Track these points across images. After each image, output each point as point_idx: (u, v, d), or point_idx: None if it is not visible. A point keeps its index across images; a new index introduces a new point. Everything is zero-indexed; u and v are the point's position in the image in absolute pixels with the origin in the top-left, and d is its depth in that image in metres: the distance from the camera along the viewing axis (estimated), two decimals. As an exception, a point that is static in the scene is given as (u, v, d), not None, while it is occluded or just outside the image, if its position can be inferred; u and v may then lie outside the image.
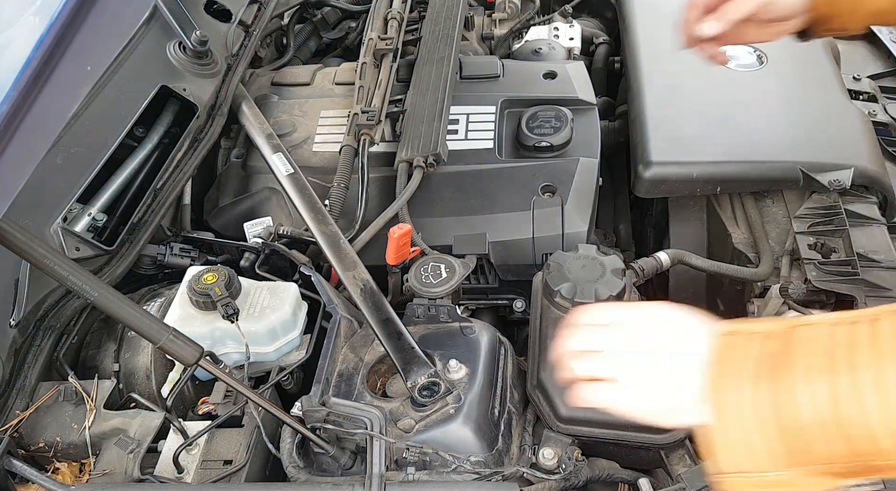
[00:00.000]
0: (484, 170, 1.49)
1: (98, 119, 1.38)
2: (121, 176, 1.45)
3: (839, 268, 1.28)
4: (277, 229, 1.42)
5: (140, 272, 1.44)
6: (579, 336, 0.85)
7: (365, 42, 1.72)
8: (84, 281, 0.95)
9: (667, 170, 1.47)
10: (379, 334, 1.13)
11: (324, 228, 1.28)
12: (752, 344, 0.74)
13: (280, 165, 1.36)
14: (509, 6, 2.11)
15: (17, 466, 1.02)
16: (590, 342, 0.84)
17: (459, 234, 1.41)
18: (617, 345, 0.82)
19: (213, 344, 1.22)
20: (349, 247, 1.26)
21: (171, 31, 1.60)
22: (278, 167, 1.36)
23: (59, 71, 0.73)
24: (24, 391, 1.16)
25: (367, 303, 1.17)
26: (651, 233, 1.78)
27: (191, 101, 1.54)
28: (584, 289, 1.17)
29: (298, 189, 1.33)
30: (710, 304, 1.64)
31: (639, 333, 0.82)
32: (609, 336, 0.83)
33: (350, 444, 1.05)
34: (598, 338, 0.84)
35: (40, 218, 1.25)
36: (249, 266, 1.40)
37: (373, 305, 1.17)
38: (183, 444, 1.07)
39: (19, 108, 0.73)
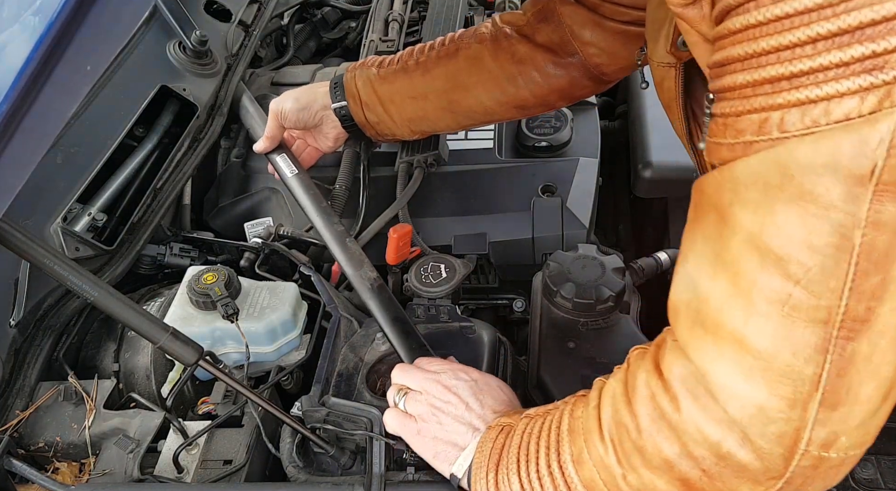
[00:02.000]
0: (484, 170, 1.49)
1: (98, 119, 1.38)
2: (121, 176, 1.44)
3: (839, 268, 1.28)
4: (277, 229, 1.42)
5: (140, 272, 1.44)
6: (407, 373, 1.00)
7: (366, 44, 1.72)
8: (84, 281, 0.95)
9: (667, 170, 1.47)
10: (388, 333, 1.13)
11: (330, 227, 1.27)
12: (495, 437, 0.87)
13: (284, 167, 1.36)
14: (509, 6, 2.11)
15: (17, 466, 1.02)
16: (411, 380, 0.98)
17: (459, 234, 1.41)
18: (429, 391, 0.95)
19: (213, 344, 1.22)
20: (356, 245, 1.26)
21: (171, 31, 1.60)
22: (283, 169, 1.35)
23: (58, 71, 0.73)
24: (24, 391, 1.16)
25: (375, 301, 1.16)
26: (651, 233, 1.78)
27: (191, 101, 1.54)
28: (584, 289, 1.17)
29: (304, 188, 1.32)
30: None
31: (451, 389, 0.95)
32: (427, 382, 0.96)
33: (350, 444, 1.05)
34: (418, 380, 0.97)
35: (40, 218, 1.25)
36: (249, 266, 1.40)
37: (382, 304, 1.16)
38: (183, 444, 1.07)
39: (19, 108, 0.72)
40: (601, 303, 1.17)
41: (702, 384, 0.66)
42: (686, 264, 0.69)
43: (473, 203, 1.45)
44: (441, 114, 1.30)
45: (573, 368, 1.12)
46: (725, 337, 0.63)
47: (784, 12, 0.54)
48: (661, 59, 0.88)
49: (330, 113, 1.34)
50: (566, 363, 1.12)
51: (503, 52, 1.24)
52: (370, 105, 1.31)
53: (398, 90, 1.29)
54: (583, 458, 0.76)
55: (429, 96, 1.28)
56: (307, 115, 1.34)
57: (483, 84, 1.25)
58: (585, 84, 1.25)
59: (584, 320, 1.18)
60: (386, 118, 1.31)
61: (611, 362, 1.10)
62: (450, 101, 1.28)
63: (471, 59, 1.25)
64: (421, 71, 1.28)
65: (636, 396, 0.72)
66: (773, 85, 0.56)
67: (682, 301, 0.69)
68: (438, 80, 1.27)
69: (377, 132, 1.35)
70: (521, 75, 1.24)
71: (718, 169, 0.63)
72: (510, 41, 1.24)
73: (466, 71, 1.25)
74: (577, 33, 1.18)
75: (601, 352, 1.13)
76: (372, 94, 1.30)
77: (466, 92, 1.26)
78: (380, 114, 1.31)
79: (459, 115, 1.30)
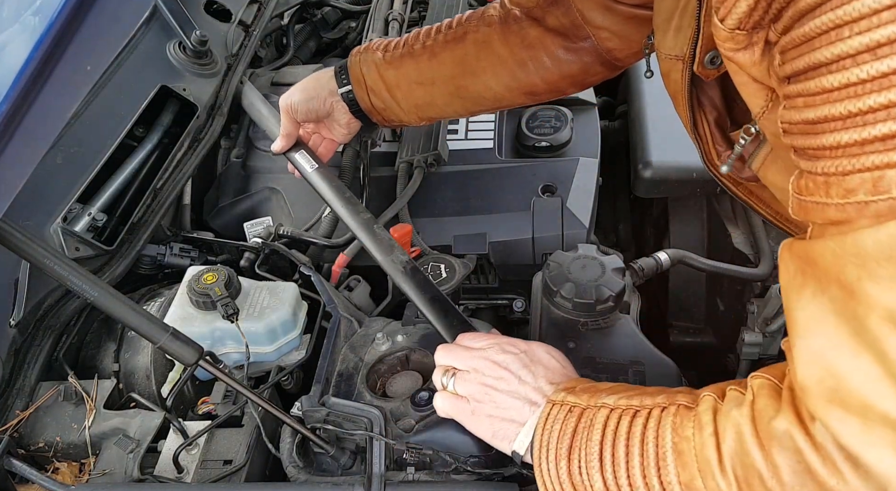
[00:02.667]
0: (484, 170, 1.49)
1: (98, 119, 1.38)
2: (121, 176, 1.45)
3: (839, 268, 1.28)
4: (277, 229, 1.42)
5: (140, 272, 1.44)
6: (452, 353, 0.97)
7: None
8: (84, 281, 0.95)
9: (667, 170, 1.47)
10: (427, 314, 1.11)
11: (357, 216, 1.24)
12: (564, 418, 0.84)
13: (304, 163, 1.32)
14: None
15: (17, 466, 1.02)
16: (457, 360, 0.96)
17: (459, 234, 1.41)
18: (478, 369, 0.93)
19: (213, 344, 1.22)
20: (384, 231, 1.23)
21: (171, 31, 1.60)
22: (303, 165, 1.32)
23: (58, 71, 0.73)
24: (24, 391, 1.16)
25: (410, 283, 1.14)
26: (651, 233, 1.78)
27: (191, 101, 1.54)
28: (584, 289, 1.17)
29: (327, 180, 1.29)
30: (710, 304, 1.64)
31: (501, 364, 0.92)
32: (474, 360, 0.94)
33: (350, 444, 1.05)
34: (465, 359, 0.95)
35: (40, 218, 1.25)
36: (249, 266, 1.40)
37: (417, 285, 1.14)
38: (183, 444, 1.07)
39: (19, 108, 0.73)
40: (601, 303, 1.16)
41: (854, 462, 0.63)
42: (811, 339, 0.64)
43: (473, 203, 1.45)
44: (449, 100, 1.26)
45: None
46: (876, 420, 0.60)
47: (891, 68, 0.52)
48: (669, 50, 0.87)
49: (339, 99, 1.30)
50: (566, 363, 1.12)
51: (513, 36, 1.20)
52: (376, 90, 1.27)
53: (405, 75, 1.25)
54: (695, 486, 0.72)
55: (436, 82, 1.24)
56: (317, 103, 1.30)
57: (492, 69, 1.22)
58: (598, 70, 1.21)
59: (584, 320, 1.17)
60: (393, 104, 1.27)
61: (611, 362, 1.11)
62: (458, 87, 1.24)
63: (479, 43, 1.21)
64: (428, 55, 1.24)
65: (775, 444, 0.67)
66: (884, 142, 0.54)
67: (811, 378, 0.64)
68: (446, 65, 1.23)
69: (384, 118, 1.31)
70: (531, 61, 1.20)
71: (832, 237, 0.60)
72: (520, 24, 1.20)
73: (475, 56, 1.22)
74: (587, 17, 1.14)
75: (601, 352, 1.13)
76: (378, 80, 1.26)
77: (475, 77, 1.23)
78: (386, 99, 1.27)
79: (468, 102, 1.27)
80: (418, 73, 1.24)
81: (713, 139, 0.92)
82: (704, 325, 1.67)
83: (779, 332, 1.38)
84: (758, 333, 1.39)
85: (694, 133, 0.93)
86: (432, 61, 1.23)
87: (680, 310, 1.67)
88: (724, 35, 0.66)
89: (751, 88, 0.69)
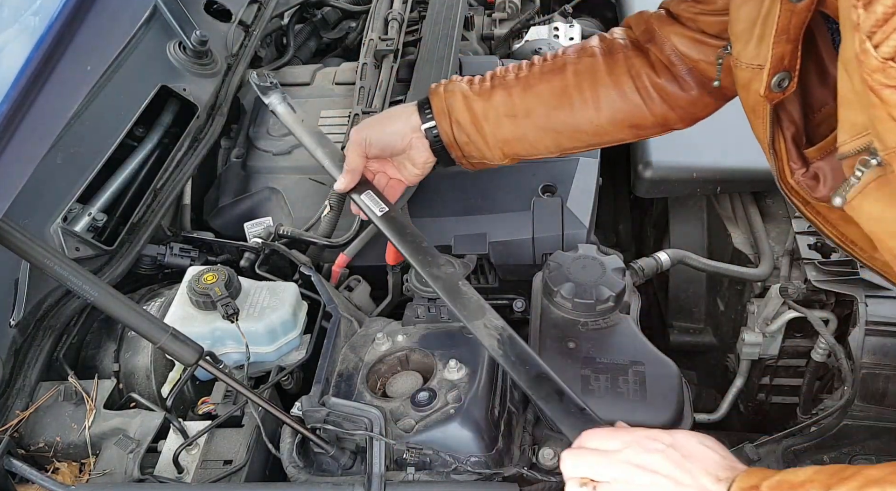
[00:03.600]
0: (484, 170, 1.49)
1: (98, 119, 1.38)
2: (121, 176, 1.45)
3: (839, 268, 1.28)
4: (277, 229, 1.42)
5: (140, 272, 1.44)
6: (583, 460, 0.83)
7: (365, 43, 1.72)
8: (84, 281, 0.95)
9: (667, 170, 1.47)
10: (532, 395, 0.99)
11: (436, 272, 1.11)
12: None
13: (372, 205, 1.21)
14: (509, 6, 2.11)
15: (17, 466, 1.02)
16: (593, 469, 0.82)
17: (459, 234, 1.41)
18: (621, 478, 0.79)
19: (213, 344, 1.22)
20: (472, 290, 1.10)
21: (171, 31, 1.60)
22: (370, 207, 1.21)
23: (58, 71, 0.73)
24: (24, 391, 1.16)
25: (508, 357, 1.02)
26: (651, 233, 1.78)
27: (191, 101, 1.54)
28: (584, 289, 1.17)
29: (397, 231, 1.18)
30: (710, 304, 1.64)
31: (647, 467, 0.79)
32: (613, 467, 0.80)
33: (350, 444, 1.05)
34: (602, 467, 0.81)
35: (40, 218, 1.25)
36: (249, 266, 1.40)
37: (517, 360, 1.01)
38: (183, 444, 1.07)
39: (19, 108, 0.73)
40: (601, 303, 1.17)
41: None
42: None
43: (473, 203, 1.45)
44: (541, 134, 1.19)
45: (573, 368, 1.12)
46: None
47: None
48: (751, 60, 0.83)
49: (419, 136, 1.21)
50: (566, 363, 1.12)
51: (618, 66, 1.15)
52: (462, 123, 1.19)
53: (494, 107, 1.17)
54: None
55: (530, 114, 1.17)
56: (395, 139, 1.21)
57: (595, 101, 1.15)
58: (707, 101, 1.15)
59: (584, 320, 1.17)
60: (478, 138, 1.20)
61: (611, 362, 1.11)
62: (554, 121, 1.17)
63: (582, 73, 1.15)
64: (522, 87, 1.17)
65: None
66: None
67: None
68: (542, 97, 1.16)
69: (464, 154, 1.22)
70: (639, 91, 1.14)
71: None
72: (626, 54, 1.15)
73: (576, 86, 1.15)
74: (682, 52, 1.10)
75: (601, 352, 1.13)
76: (465, 111, 1.18)
77: (574, 110, 1.16)
78: (471, 133, 1.19)
79: (563, 136, 1.19)
80: (510, 105, 1.17)
81: (788, 156, 0.87)
82: (704, 325, 1.67)
83: (778, 332, 1.39)
84: (758, 333, 1.39)
85: (771, 149, 0.88)
86: (527, 93, 1.17)
87: (680, 310, 1.67)
88: (875, 65, 0.60)
89: (889, 125, 0.63)
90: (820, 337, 1.32)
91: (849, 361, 1.24)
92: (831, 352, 1.30)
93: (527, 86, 1.17)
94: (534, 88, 1.17)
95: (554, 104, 1.16)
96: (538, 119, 1.17)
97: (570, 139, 1.20)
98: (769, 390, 1.50)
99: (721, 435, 1.44)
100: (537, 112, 1.17)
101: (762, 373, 1.46)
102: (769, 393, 1.50)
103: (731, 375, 1.49)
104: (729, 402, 1.44)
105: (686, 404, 1.10)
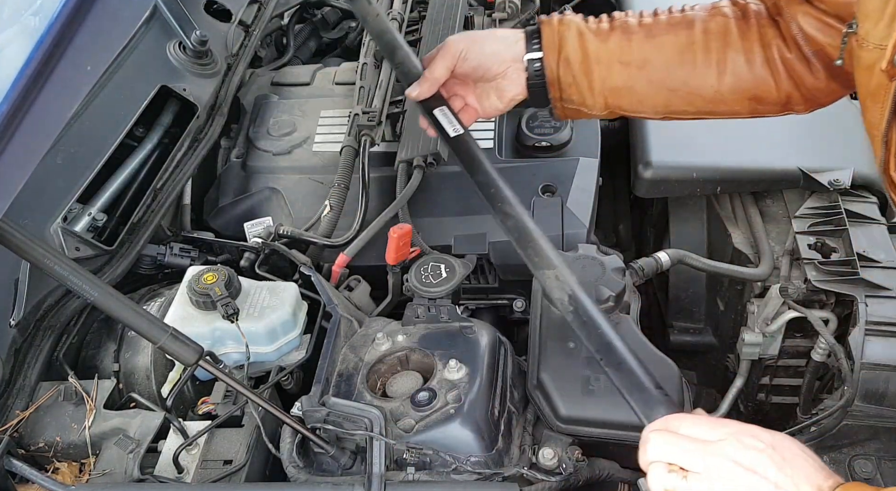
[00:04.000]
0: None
1: (98, 119, 1.38)
2: (121, 176, 1.45)
3: (839, 268, 1.28)
4: (277, 229, 1.42)
5: (140, 272, 1.44)
6: (675, 445, 0.77)
7: (365, 43, 1.72)
8: (84, 281, 0.95)
9: (667, 170, 1.47)
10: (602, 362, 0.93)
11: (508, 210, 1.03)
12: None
13: (446, 123, 1.09)
14: (509, 6, 2.11)
15: (17, 466, 1.02)
16: (686, 456, 0.76)
17: (459, 234, 1.41)
18: (717, 471, 0.74)
19: (213, 344, 1.22)
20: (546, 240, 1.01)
21: (171, 31, 1.60)
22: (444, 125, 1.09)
23: (58, 71, 0.73)
24: (24, 391, 1.16)
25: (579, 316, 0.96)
26: (651, 233, 1.78)
27: (191, 101, 1.54)
28: (584, 289, 1.17)
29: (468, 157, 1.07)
30: (710, 304, 1.64)
31: (747, 465, 0.73)
32: (711, 458, 0.75)
33: (350, 444, 1.05)
34: (698, 455, 0.76)
35: (40, 218, 1.25)
36: (249, 266, 1.40)
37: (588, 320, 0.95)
38: (183, 444, 1.07)
39: (19, 108, 0.73)
40: (601, 303, 1.16)
41: None
42: None
43: (473, 203, 1.45)
44: (653, 90, 1.10)
45: (573, 368, 1.12)
46: None
47: None
48: (881, 40, 0.77)
49: (518, 67, 1.10)
50: (566, 363, 1.12)
51: (751, 32, 1.06)
52: (571, 61, 1.08)
53: (610, 50, 1.08)
54: None
55: (647, 66, 1.08)
56: (493, 62, 1.10)
57: (721, 64, 1.06)
58: (832, 88, 1.07)
59: (585, 320, 1.17)
60: (584, 81, 1.10)
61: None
62: (672, 77, 1.08)
63: (712, 32, 1.07)
64: (644, 34, 1.08)
65: None
66: None
67: None
68: (665, 50, 1.07)
69: (562, 96, 1.12)
70: (767, 63, 1.06)
71: None
72: (759, 21, 1.07)
73: (704, 45, 1.07)
74: (809, 34, 1.03)
75: (601, 352, 1.13)
76: (577, 49, 1.08)
77: (695, 69, 1.07)
78: (578, 74, 1.09)
79: (676, 97, 1.10)
80: (627, 51, 1.08)
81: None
82: (704, 325, 1.67)
83: (778, 332, 1.38)
84: (758, 333, 1.38)
85: (884, 137, 0.83)
86: (648, 42, 1.08)
87: (680, 310, 1.66)
88: None
89: None
90: (820, 337, 1.32)
91: (849, 361, 1.24)
92: (831, 352, 1.30)
93: (649, 34, 1.08)
94: (656, 38, 1.08)
95: (675, 60, 1.08)
96: (654, 72, 1.09)
97: (682, 101, 1.11)
98: (769, 390, 1.50)
99: (721, 435, 1.46)
100: (655, 64, 1.08)
101: (762, 373, 1.46)
102: (769, 393, 1.50)
103: (731, 375, 1.48)
104: (729, 402, 1.44)
105: (686, 404, 1.10)
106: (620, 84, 1.10)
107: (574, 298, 0.95)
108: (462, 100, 1.16)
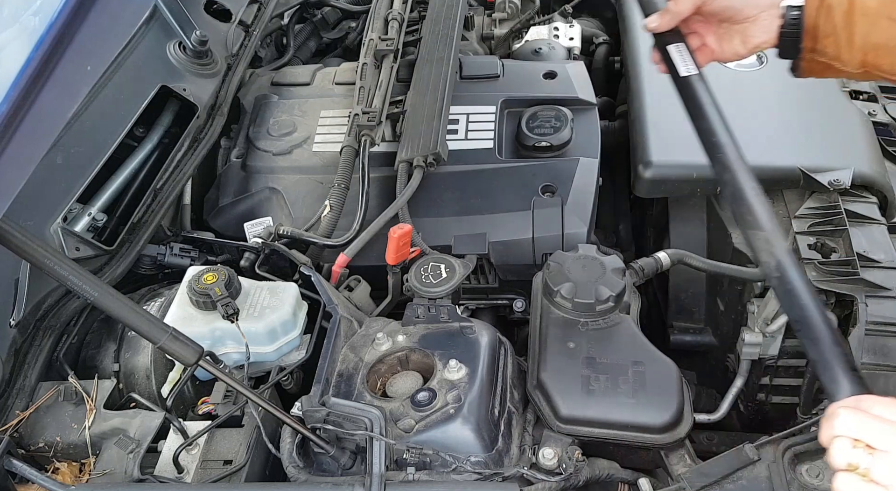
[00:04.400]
0: (484, 170, 1.49)
1: (98, 119, 1.38)
2: (121, 176, 1.45)
3: (839, 268, 1.28)
4: (277, 229, 1.42)
5: (140, 272, 1.44)
6: (865, 425, 0.74)
7: (365, 43, 1.72)
8: (84, 281, 0.95)
9: (667, 170, 1.47)
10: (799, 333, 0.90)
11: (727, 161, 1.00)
12: None
13: (679, 61, 1.03)
14: (509, 6, 2.11)
15: (17, 466, 1.02)
16: (878, 435, 0.73)
17: (459, 234, 1.41)
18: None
19: (213, 344, 1.22)
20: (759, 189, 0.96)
21: (171, 31, 1.60)
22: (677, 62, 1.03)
23: (59, 71, 0.73)
24: (24, 391, 1.16)
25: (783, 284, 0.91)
26: (651, 233, 1.78)
27: (191, 101, 1.54)
28: (584, 289, 1.17)
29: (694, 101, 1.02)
30: (710, 304, 1.64)
31: None
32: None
33: (350, 444, 1.05)
34: (887, 437, 0.72)
35: (40, 218, 1.25)
36: (249, 266, 1.40)
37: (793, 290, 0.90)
38: (183, 444, 1.07)
39: (19, 107, 0.73)
40: (601, 303, 1.17)
41: None
42: None
43: (473, 203, 1.45)
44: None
45: (573, 368, 1.12)
46: None
47: None
48: None
49: (774, 13, 1.04)
50: (566, 363, 1.12)
51: None
52: (834, 10, 1.01)
53: (881, 3, 0.99)
54: None
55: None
56: (746, 3, 1.04)
57: None
58: None
59: (584, 320, 1.18)
60: (843, 34, 1.01)
61: (611, 362, 1.11)
62: None
63: None
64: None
65: None
66: None
67: None
68: None
69: (816, 47, 1.04)
70: None
71: None
72: None
73: None
74: None
75: (601, 352, 1.13)
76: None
77: None
78: (839, 26, 1.01)
79: None
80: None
81: None
82: (704, 325, 1.67)
83: (779, 332, 1.38)
84: (758, 333, 1.38)
85: None
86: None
87: (680, 310, 1.66)
88: None
89: None
90: (820, 337, 1.32)
91: (849, 361, 1.24)
92: (831, 352, 1.30)
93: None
94: None
95: None
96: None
97: None
98: (769, 390, 1.50)
99: (721, 435, 1.46)
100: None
101: (762, 373, 1.46)
102: (769, 393, 1.50)
103: (731, 375, 1.48)
104: (729, 402, 1.44)
105: (686, 404, 1.10)
106: (884, 42, 1.00)
107: (781, 264, 0.90)
108: (700, 39, 1.09)
